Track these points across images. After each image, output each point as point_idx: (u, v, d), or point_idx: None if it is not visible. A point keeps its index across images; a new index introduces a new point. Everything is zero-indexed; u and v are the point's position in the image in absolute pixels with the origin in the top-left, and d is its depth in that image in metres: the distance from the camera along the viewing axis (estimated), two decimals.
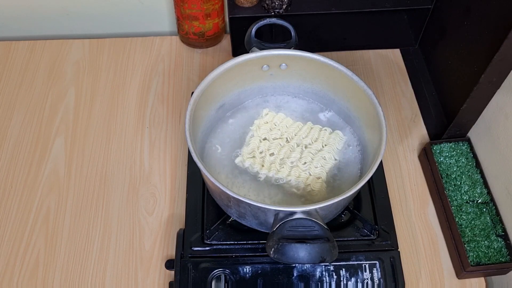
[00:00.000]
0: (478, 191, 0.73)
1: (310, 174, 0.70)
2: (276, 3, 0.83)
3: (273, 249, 0.54)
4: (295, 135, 0.73)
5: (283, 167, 0.70)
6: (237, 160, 0.71)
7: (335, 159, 0.72)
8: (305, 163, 0.70)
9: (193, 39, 0.93)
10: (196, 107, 0.66)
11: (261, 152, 0.71)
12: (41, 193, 0.77)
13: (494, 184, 0.73)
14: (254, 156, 0.71)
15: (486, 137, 0.75)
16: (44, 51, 0.95)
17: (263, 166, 0.70)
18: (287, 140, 0.73)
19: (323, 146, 0.72)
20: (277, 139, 0.73)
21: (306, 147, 0.72)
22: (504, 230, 0.70)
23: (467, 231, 0.70)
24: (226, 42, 0.96)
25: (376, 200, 0.73)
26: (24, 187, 0.77)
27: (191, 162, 0.76)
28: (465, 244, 0.69)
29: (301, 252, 0.53)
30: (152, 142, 0.83)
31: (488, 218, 0.71)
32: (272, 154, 0.72)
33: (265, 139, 0.73)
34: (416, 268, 0.71)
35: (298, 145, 0.72)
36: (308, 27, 0.86)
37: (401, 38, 0.96)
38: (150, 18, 0.99)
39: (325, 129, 0.74)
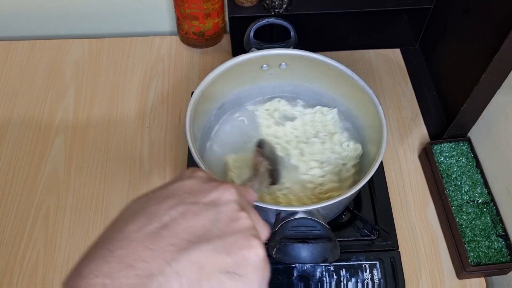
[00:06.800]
0: (479, 191, 0.73)
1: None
2: (276, 2, 0.83)
3: (275, 249, 0.54)
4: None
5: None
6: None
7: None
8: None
9: (193, 39, 0.93)
10: (196, 107, 0.66)
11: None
12: (41, 193, 0.77)
13: (494, 184, 0.73)
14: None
15: (486, 137, 0.75)
16: (44, 51, 0.95)
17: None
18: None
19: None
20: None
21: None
22: (504, 230, 0.70)
23: (468, 231, 0.70)
24: (226, 42, 0.96)
25: (376, 200, 0.73)
26: (24, 187, 0.77)
27: (191, 162, 0.76)
28: (465, 244, 0.68)
29: (303, 252, 0.53)
30: (152, 142, 0.83)
31: (488, 218, 0.71)
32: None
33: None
34: (416, 268, 0.71)
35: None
36: (308, 27, 0.86)
37: (401, 38, 0.96)
38: (150, 18, 0.99)
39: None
